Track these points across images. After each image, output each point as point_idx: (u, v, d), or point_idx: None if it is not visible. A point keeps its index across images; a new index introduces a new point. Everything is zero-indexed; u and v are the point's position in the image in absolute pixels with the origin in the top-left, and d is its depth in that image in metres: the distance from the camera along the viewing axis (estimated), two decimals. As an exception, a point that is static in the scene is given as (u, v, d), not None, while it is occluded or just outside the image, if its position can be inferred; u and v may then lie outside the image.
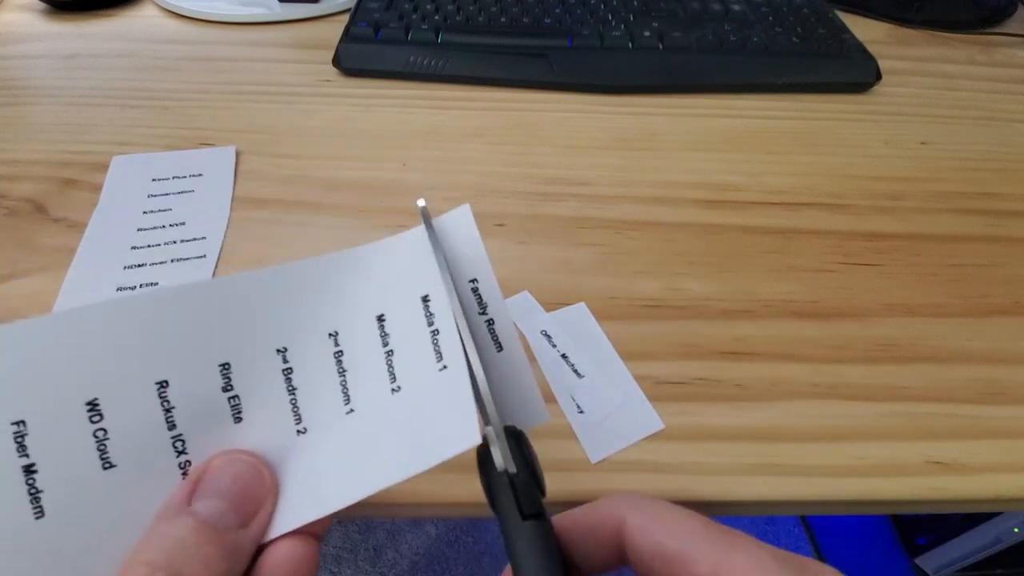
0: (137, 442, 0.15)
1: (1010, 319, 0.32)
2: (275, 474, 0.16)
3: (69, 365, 0.14)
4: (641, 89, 0.45)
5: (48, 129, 0.40)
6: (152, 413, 0.15)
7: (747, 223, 0.36)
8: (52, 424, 0.14)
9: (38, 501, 0.14)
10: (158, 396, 0.15)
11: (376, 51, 0.45)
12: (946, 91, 0.47)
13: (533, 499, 0.15)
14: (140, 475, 0.15)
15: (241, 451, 0.16)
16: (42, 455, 0.14)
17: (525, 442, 0.16)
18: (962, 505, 0.26)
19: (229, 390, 0.16)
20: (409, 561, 0.92)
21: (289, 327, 0.16)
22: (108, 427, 0.14)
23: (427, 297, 0.17)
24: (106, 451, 0.14)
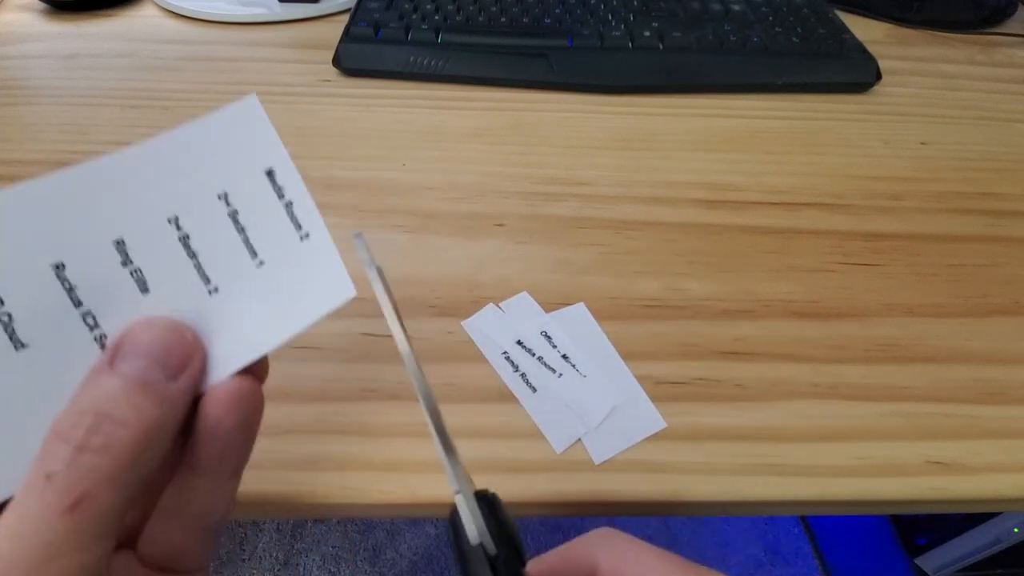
0: (44, 321, 0.15)
1: (1010, 319, 0.32)
2: (197, 333, 0.16)
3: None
4: (641, 89, 0.45)
5: (48, 129, 0.40)
6: (54, 293, 0.15)
7: (747, 223, 0.36)
8: None
9: None
10: (56, 277, 0.15)
11: (376, 51, 0.45)
12: (946, 91, 0.47)
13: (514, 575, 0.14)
14: (56, 351, 0.15)
15: (157, 316, 0.16)
16: None
17: (500, 508, 0.16)
18: (962, 505, 0.26)
19: (129, 263, 0.16)
20: (408, 561, 0.92)
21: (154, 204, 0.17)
22: (11, 310, 0.15)
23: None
24: (15, 333, 0.15)
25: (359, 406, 0.27)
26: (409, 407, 0.27)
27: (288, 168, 0.18)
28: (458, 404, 0.27)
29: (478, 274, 0.32)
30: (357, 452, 0.25)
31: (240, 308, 0.17)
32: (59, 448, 0.13)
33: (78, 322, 0.16)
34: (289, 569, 0.90)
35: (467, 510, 0.15)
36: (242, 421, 0.16)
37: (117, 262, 0.16)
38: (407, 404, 0.27)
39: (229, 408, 0.16)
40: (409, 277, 0.31)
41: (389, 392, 0.27)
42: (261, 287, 0.17)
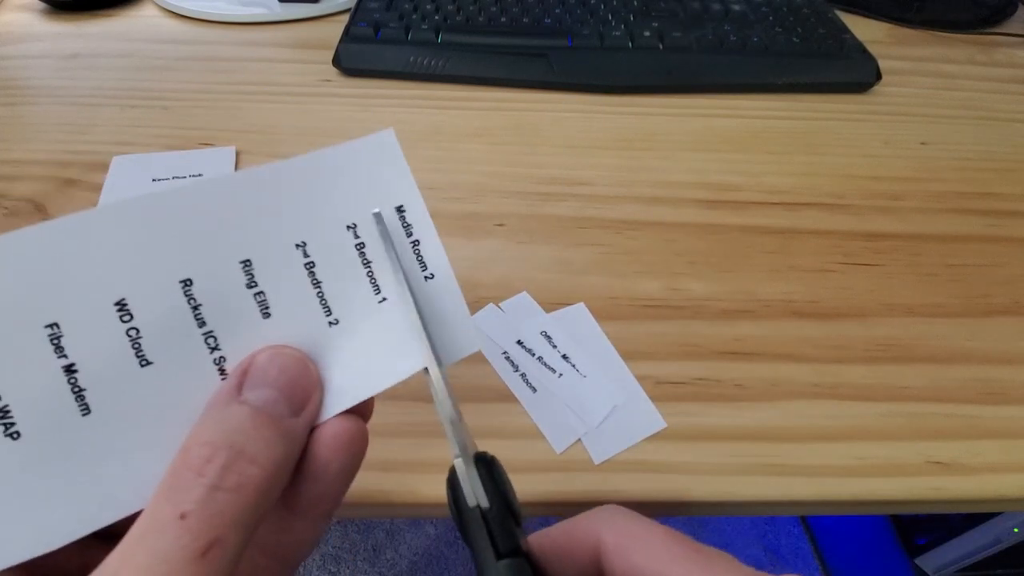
0: (170, 339, 0.15)
1: (1010, 319, 0.32)
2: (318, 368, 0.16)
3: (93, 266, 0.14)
4: (641, 89, 0.45)
5: (48, 129, 0.40)
6: (180, 310, 0.15)
7: (747, 223, 0.36)
8: (85, 325, 0.14)
9: (83, 399, 0.14)
10: (184, 294, 0.15)
11: (376, 51, 0.45)
12: (946, 91, 0.47)
13: (509, 535, 0.15)
14: (177, 371, 0.15)
15: (285, 346, 0.16)
16: (80, 355, 0.14)
17: (498, 469, 0.16)
18: (962, 505, 0.26)
19: (254, 285, 0.16)
20: (408, 561, 0.92)
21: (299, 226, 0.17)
22: (139, 325, 0.15)
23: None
24: (141, 349, 0.15)
25: (359, 406, 0.27)
26: (409, 407, 0.27)
27: (419, 206, 0.18)
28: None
29: (478, 274, 0.32)
30: (357, 452, 0.25)
31: (358, 343, 0.17)
32: (193, 484, 0.13)
33: (200, 342, 0.15)
34: (289, 569, 0.90)
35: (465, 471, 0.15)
36: (349, 464, 0.16)
37: (242, 283, 0.16)
38: (407, 404, 0.27)
39: (338, 451, 0.15)
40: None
41: (389, 392, 0.27)
42: (380, 324, 0.17)
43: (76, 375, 0.14)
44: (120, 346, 0.15)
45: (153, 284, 0.15)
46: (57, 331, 0.14)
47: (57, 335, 0.14)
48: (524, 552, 0.15)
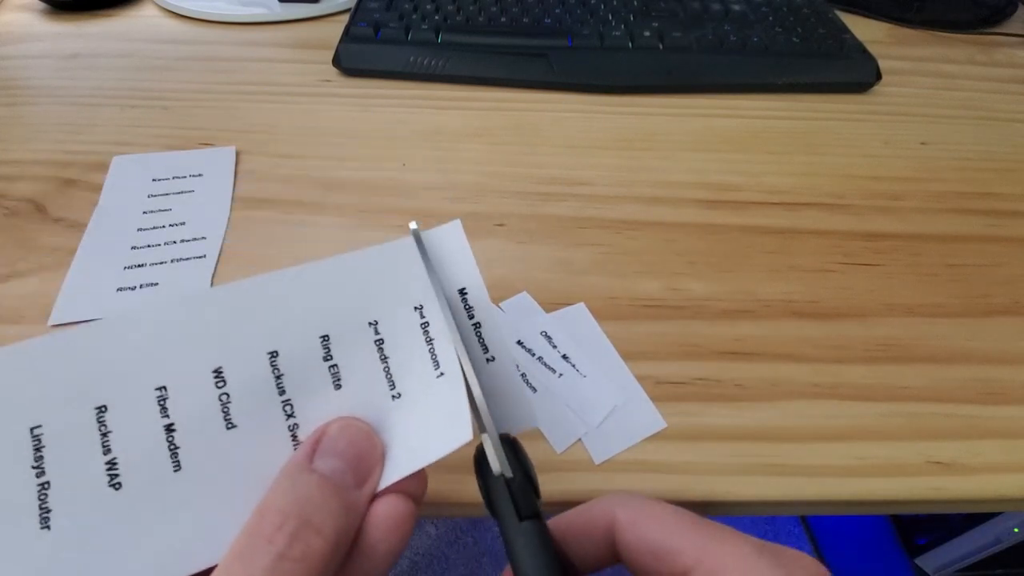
0: (254, 404, 0.16)
1: (1010, 319, 0.32)
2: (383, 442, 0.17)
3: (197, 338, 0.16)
4: (641, 89, 0.45)
5: (48, 129, 0.40)
6: (266, 379, 0.17)
7: (747, 223, 0.36)
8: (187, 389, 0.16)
9: (176, 456, 0.16)
10: (270, 364, 0.17)
11: (376, 51, 0.45)
12: (946, 91, 0.47)
13: (529, 501, 0.16)
14: (257, 434, 0.16)
15: (355, 418, 0.17)
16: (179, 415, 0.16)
17: (519, 448, 0.17)
18: (962, 505, 0.26)
19: (330, 359, 0.17)
20: (409, 561, 0.92)
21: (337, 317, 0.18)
22: (231, 391, 0.16)
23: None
24: (229, 413, 0.16)
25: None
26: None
27: (481, 291, 0.19)
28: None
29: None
30: (357, 452, 0.25)
31: (416, 416, 0.18)
32: (263, 550, 0.14)
33: (279, 409, 0.17)
34: (289, 569, 0.90)
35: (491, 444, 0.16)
36: (397, 547, 0.16)
37: (320, 356, 0.17)
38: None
39: (389, 533, 0.16)
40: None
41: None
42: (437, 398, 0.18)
43: (174, 433, 0.16)
44: (212, 409, 0.16)
45: (245, 355, 0.17)
46: (164, 393, 0.16)
47: (164, 396, 0.16)
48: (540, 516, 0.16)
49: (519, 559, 0.15)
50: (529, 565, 0.15)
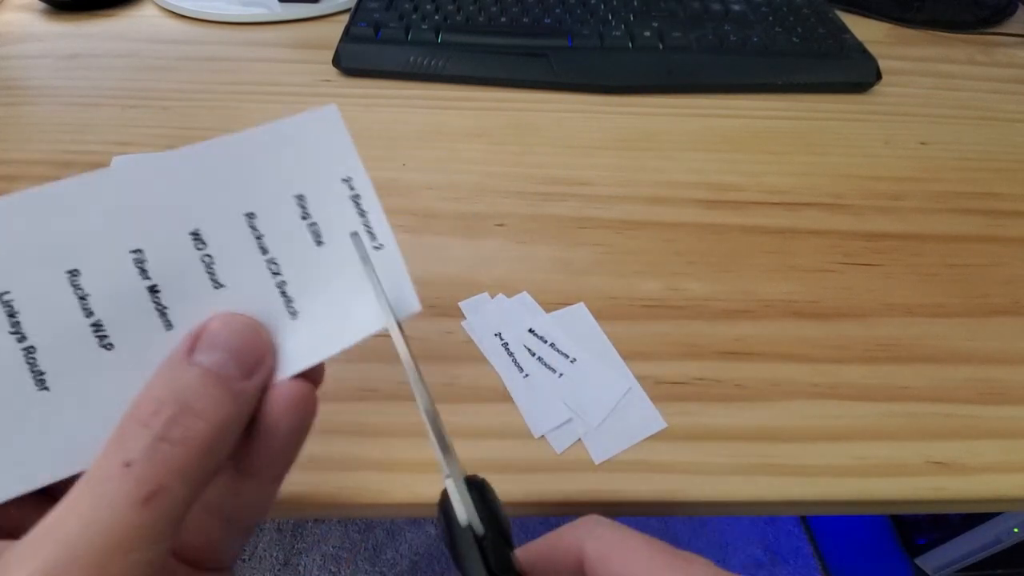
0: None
1: (1010, 319, 0.32)
2: (270, 332, 0.17)
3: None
4: (641, 89, 0.45)
5: (48, 129, 0.40)
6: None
7: (747, 223, 0.36)
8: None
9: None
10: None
11: (376, 51, 0.45)
12: (946, 91, 0.47)
13: (503, 558, 0.15)
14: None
15: (236, 313, 0.16)
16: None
17: (489, 492, 0.16)
18: (962, 505, 0.26)
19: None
20: (409, 561, 0.92)
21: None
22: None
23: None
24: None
25: (359, 406, 0.27)
26: (409, 407, 0.27)
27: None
28: (458, 404, 0.27)
29: (478, 274, 0.32)
30: (357, 452, 0.25)
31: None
32: (138, 434, 0.14)
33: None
34: (289, 569, 0.90)
35: (457, 494, 0.15)
36: (298, 425, 0.16)
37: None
38: (407, 404, 0.27)
39: (288, 411, 0.16)
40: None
41: (389, 392, 0.27)
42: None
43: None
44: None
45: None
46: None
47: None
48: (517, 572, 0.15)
49: None
50: None
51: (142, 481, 0.13)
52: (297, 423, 0.16)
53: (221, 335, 0.16)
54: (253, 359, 0.16)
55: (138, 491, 0.13)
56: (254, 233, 0.17)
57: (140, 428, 0.14)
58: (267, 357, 0.16)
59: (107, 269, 0.15)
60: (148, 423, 0.14)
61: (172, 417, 0.14)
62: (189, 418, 0.14)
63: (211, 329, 0.16)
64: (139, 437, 0.13)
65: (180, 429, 0.14)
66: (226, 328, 0.16)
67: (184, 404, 0.14)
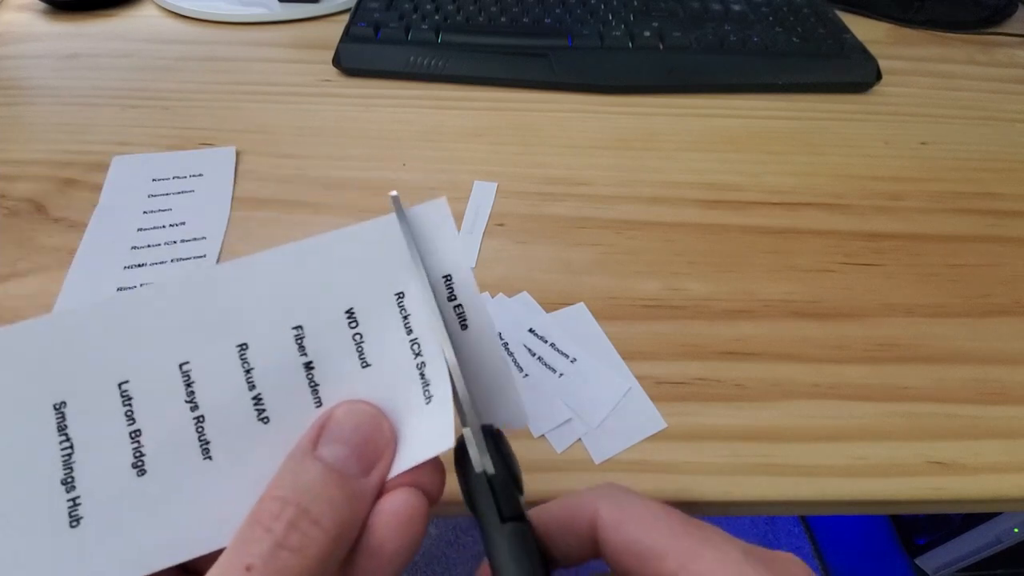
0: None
1: (1010, 319, 0.32)
2: (393, 425, 0.16)
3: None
4: (641, 89, 0.45)
5: (48, 129, 0.40)
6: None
7: (747, 223, 0.36)
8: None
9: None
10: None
11: (376, 51, 0.45)
12: (946, 91, 0.47)
13: (512, 501, 0.15)
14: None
15: (362, 401, 0.16)
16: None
17: (503, 441, 0.16)
18: (962, 505, 0.26)
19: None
20: (409, 561, 0.92)
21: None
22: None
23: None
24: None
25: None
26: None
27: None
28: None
29: (478, 274, 0.32)
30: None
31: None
32: (260, 538, 0.14)
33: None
34: (289, 569, 0.90)
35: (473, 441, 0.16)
36: (405, 547, 0.16)
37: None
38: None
39: (396, 530, 0.15)
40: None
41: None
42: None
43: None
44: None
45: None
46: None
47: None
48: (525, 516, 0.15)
49: (501, 563, 0.15)
50: (511, 571, 0.14)
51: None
52: (405, 544, 0.15)
53: (346, 427, 0.16)
54: (374, 454, 0.16)
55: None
56: (402, 314, 0.17)
57: (262, 532, 0.14)
58: (387, 452, 0.16)
59: (271, 344, 0.16)
60: (270, 527, 0.14)
61: (291, 522, 0.14)
62: (306, 523, 0.14)
63: (336, 419, 0.16)
64: (261, 541, 0.14)
65: (298, 536, 0.14)
66: (350, 418, 0.16)
67: (303, 508, 0.14)
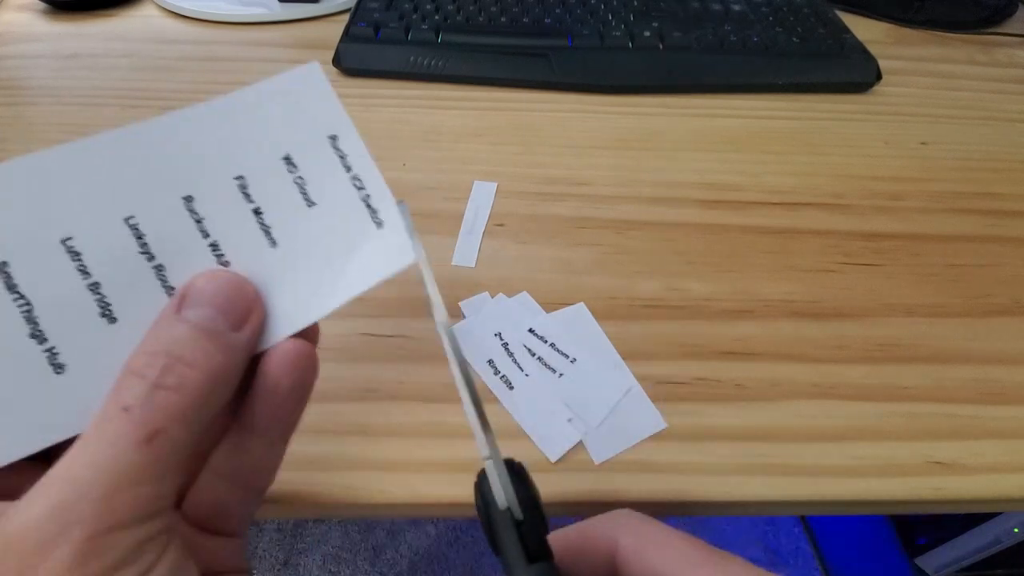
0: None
1: (1010, 319, 0.32)
2: (257, 288, 0.17)
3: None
4: (641, 89, 0.45)
5: (48, 129, 0.40)
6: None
7: (747, 223, 0.36)
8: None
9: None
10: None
11: (376, 51, 0.45)
12: (946, 91, 0.47)
13: (540, 541, 0.15)
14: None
15: (221, 268, 0.17)
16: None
17: (526, 477, 0.16)
18: (962, 505, 0.26)
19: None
20: (409, 561, 0.92)
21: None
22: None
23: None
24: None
25: (359, 406, 0.27)
26: (409, 407, 0.27)
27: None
28: (458, 404, 0.27)
29: (478, 274, 0.32)
30: (357, 452, 0.25)
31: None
32: (135, 384, 0.14)
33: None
34: (290, 569, 0.90)
35: (496, 476, 0.15)
36: (299, 382, 0.16)
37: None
38: (407, 404, 0.27)
39: (287, 369, 0.16)
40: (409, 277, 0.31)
41: (389, 392, 0.27)
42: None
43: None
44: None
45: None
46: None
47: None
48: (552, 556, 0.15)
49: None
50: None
51: (140, 424, 0.13)
52: (298, 380, 0.16)
53: (207, 291, 0.16)
54: (241, 312, 0.16)
55: (137, 432, 0.13)
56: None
57: (136, 378, 0.14)
58: (255, 310, 0.16)
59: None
60: (143, 373, 0.14)
61: (166, 366, 0.14)
62: (181, 367, 0.14)
63: (197, 286, 0.16)
64: (135, 386, 0.14)
65: (174, 377, 0.14)
66: (211, 284, 0.16)
67: (176, 355, 0.15)
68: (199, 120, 0.17)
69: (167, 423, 0.14)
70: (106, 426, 0.13)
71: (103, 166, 0.16)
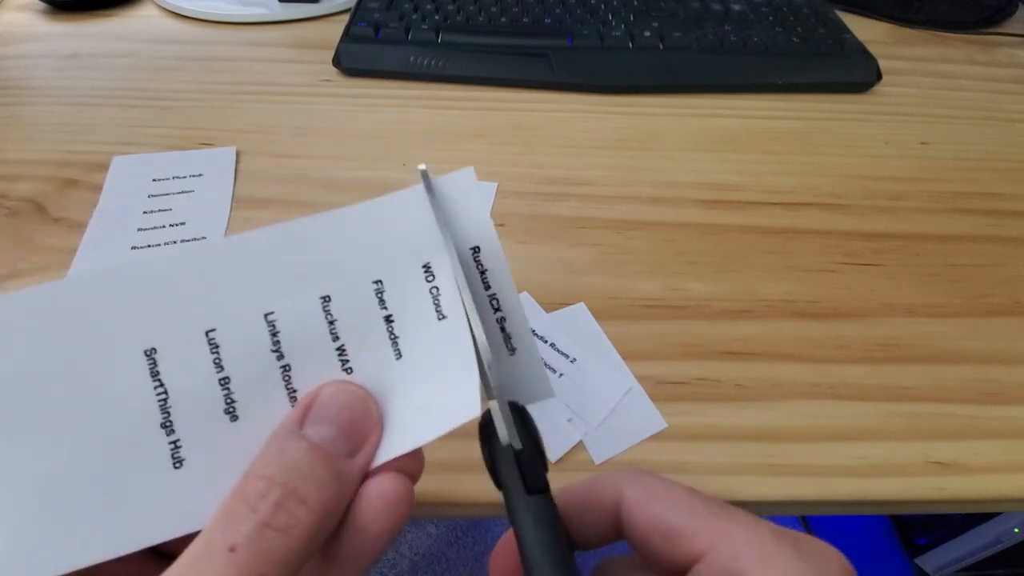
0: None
1: (1010, 319, 0.32)
2: (380, 407, 0.16)
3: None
4: (641, 89, 0.45)
5: (48, 129, 0.40)
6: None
7: (747, 223, 0.36)
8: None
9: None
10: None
11: (376, 51, 0.45)
12: (946, 91, 0.47)
13: (538, 474, 0.15)
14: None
15: (349, 381, 0.16)
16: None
17: (529, 417, 0.16)
18: (962, 505, 0.26)
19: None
20: (409, 561, 0.92)
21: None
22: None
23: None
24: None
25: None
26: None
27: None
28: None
29: (478, 274, 0.32)
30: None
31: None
32: (245, 517, 0.14)
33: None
34: (289, 569, 0.90)
35: (499, 414, 0.16)
36: (389, 528, 0.16)
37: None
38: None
39: (380, 514, 0.15)
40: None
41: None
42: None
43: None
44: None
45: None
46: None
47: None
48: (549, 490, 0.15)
49: (526, 535, 0.15)
50: (536, 541, 0.15)
51: (245, 568, 0.13)
52: (389, 525, 0.16)
53: (333, 407, 0.16)
54: (361, 435, 0.16)
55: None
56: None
57: (247, 511, 0.14)
58: (374, 434, 0.16)
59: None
60: (255, 507, 0.14)
61: (278, 502, 0.14)
62: (294, 503, 0.14)
63: (323, 398, 0.16)
64: (244, 520, 0.14)
65: (284, 515, 0.14)
66: (337, 399, 0.16)
67: (290, 488, 0.14)
68: (350, 221, 0.17)
69: (269, 568, 0.13)
70: (212, 564, 0.13)
71: (253, 261, 0.16)
